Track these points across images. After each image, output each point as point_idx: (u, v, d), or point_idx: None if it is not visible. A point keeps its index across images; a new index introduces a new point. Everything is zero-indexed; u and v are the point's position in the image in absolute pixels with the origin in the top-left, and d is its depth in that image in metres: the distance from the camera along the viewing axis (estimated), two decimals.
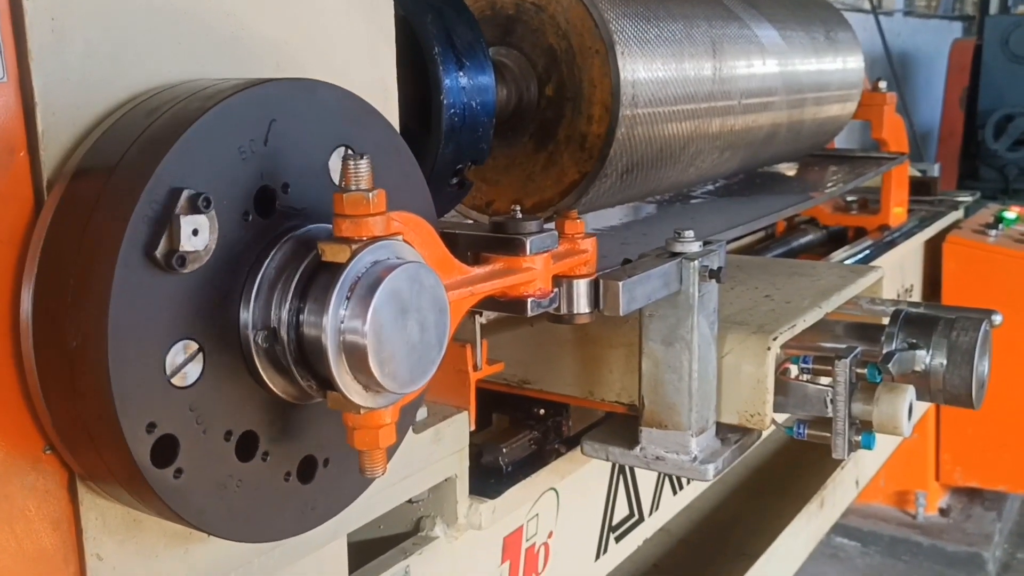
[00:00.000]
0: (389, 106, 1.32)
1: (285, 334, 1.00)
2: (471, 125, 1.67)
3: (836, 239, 3.86)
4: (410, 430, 1.38)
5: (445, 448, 1.56)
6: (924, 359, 1.83)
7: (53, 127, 0.96)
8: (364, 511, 1.38)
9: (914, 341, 1.84)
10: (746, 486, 3.33)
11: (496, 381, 1.85)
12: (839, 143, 4.06)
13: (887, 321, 1.90)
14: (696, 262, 1.56)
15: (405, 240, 1.05)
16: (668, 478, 2.31)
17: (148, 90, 1.03)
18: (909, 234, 3.72)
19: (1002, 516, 5.15)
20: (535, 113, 2.00)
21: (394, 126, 1.24)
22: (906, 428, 1.63)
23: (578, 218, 1.46)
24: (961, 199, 4.42)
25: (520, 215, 1.37)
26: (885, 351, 1.80)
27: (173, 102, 0.99)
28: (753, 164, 2.88)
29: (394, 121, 1.30)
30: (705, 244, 1.63)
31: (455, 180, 1.72)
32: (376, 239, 0.99)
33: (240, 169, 0.99)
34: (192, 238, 0.93)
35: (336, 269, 0.98)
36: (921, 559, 4.97)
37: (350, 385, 0.99)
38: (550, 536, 1.91)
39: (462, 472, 1.61)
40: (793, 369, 1.72)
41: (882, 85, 3.95)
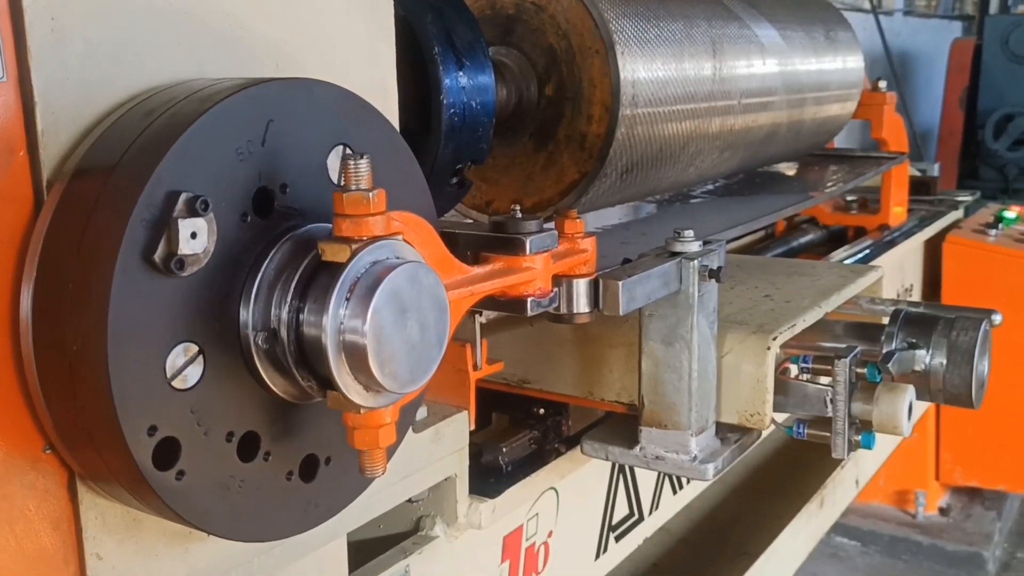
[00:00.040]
0: (389, 106, 1.32)
1: (285, 334, 1.00)
2: (471, 125, 1.67)
3: (836, 239, 3.86)
4: (410, 430, 1.38)
5: (445, 447, 1.56)
6: (924, 359, 1.83)
7: (53, 127, 0.96)
8: (364, 510, 1.38)
9: (914, 341, 1.84)
10: (746, 486, 3.33)
11: (496, 381, 1.85)
12: (839, 143, 4.06)
13: (887, 321, 1.90)
14: (696, 262, 1.56)
15: (405, 240, 1.05)
16: (668, 477, 2.31)
17: (147, 90, 1.03)
18: (909, 234, 3.71)
19: (1002, 515, 5.15)
20: (535, 113, 2.00)
21: (393, 124, 1.24)
22: (906, 428, 1.63)
23: (578, 218, 1.45)
24: (961, 199, 4.41)
25: (520, 215, 1.37)
26: (885, 351, 1.80)
27: (170, 103, 0.98)
28: (753, 164, 2.88)
29: (394, 121, 1.30)
30: (705, 244, 1.63)
31: (455, 180, 1.72)
32: (376, 239, 0.99)
33: (238, 170, 0.99)
34: (190, 241, 0.93)
35: (336, 269, 0.98)
36: (921, 558, 4.97)
37: (350, 385, 0.99)
38: (550, 535, 1.91)
39: (462, 471, 1.61)
40: (793, 369, 1.72)
41: (882, 85, 3.95)
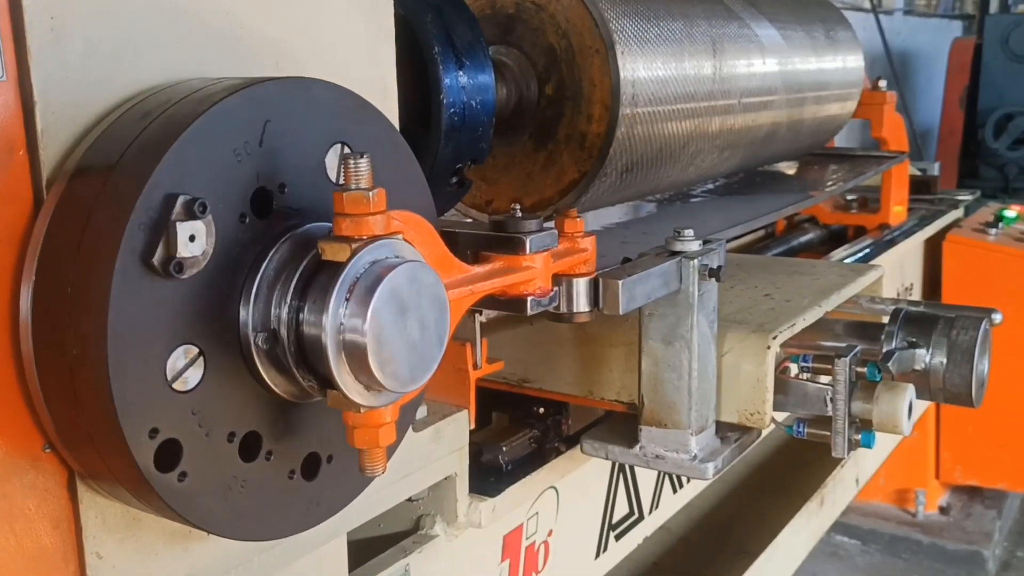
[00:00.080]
0: (389, 105, 1.32)
1: (285, 334, 1.00)
2: (471, 124, 1.67)
3: (836, 238, 3.86)
4: (410, 429, 1.38)
5: (445, 446, 1.56)
6: (924, 358, 1.83)
7: (52, 126, 0.96)
8: (364, 509, 1.38)
9: (914, 340, 1.84)
10: (746, 484, 3.33)
11: (496, 380, 1.85)
12: (839, 142, 4.06)
13: (887, 320, 1.90)
14: (696, 261, 1.56)
15: (405, 239, 1.05)
16: (668, 476, 2.31)
17: (146, 89, 1.03)
18: (909, 233, 3.71)
19: (1002, 514, 5.15)
20: (535, 112, 2.00)
21: (392, 122, 1.23)
22: (906, 427, 1.63)
23: (578, 217, 1.45)
24: (961, 198, 4.41)
25: (520, 214, 1.37)
26: (885, 350, 1.80)
27: (167, 105, 0.98)
28: (753, 163, 2.88)
29: (394, 120, 1.30)
30: (705, 243, 1.63)
31: (455, 179, 1.72)
32: (376, 238, 0.99)
33: (236, 171, 0.99)
34: (189, 244, 0.93)
35: (336, 268, 0.98)
36: (921, 557, 4.97)
37: (350, 384, 0.99)
38: (550, 534, 1.91)
39: (462, 470, 1.61)
40: (793, 368, 1.72)
41: (882, 84, 3.95)
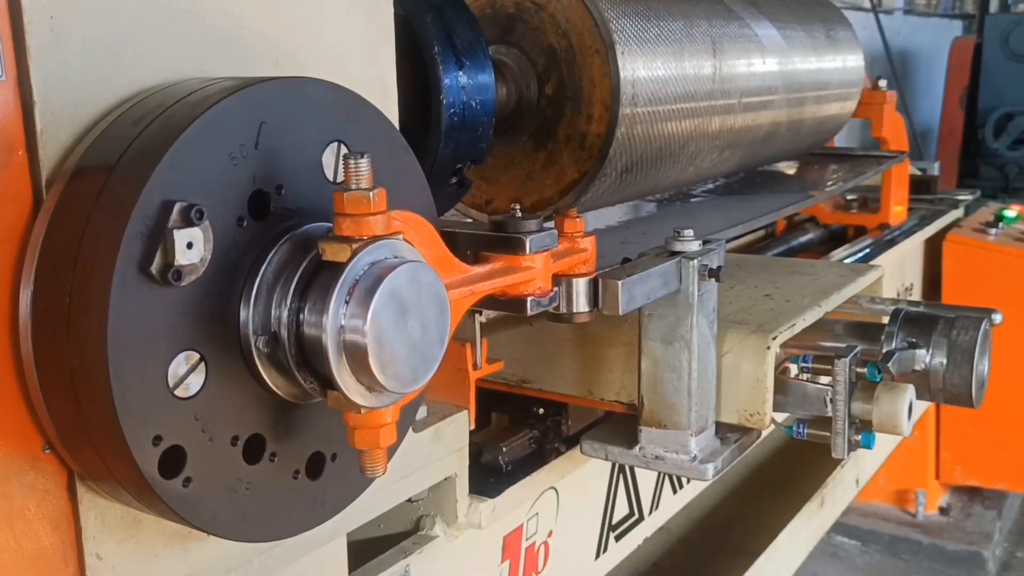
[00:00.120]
0: (389, 105, 1.32)
1: (286, 337, 1.00)
2: (471, 124, 1.67)
3: (836, 238, 3.86)
4: (410, 429, 1.38)
5: (445, 447, 1.56)
6: (924, 358, 1.83)
7: (52, 126, 0.96)
8: (364, 510, 1.38)
9: (914, 340, 1.84)
10: (746, 485, 3.33)
11: (495, 380, 1.85)
12: (839, 141, 4.06)
13: (887, 320, 1.90)
14: (695, 261, 1.56)
15: (405, 239, 1.05)
16: (668, 477, 2.31)
17: (146, 89, 1.03)
18: (909, 233, 3.71)
19: (1002, 515, 5.15)
20: (535, 112, 2.00)
21: (389, 119, 1.23)
22: (906, 427, 1.63)
23: (577, 217, 1.45)
24: (961, 198, 4.41)
25: (520, 214, 1.36)
26: (885, 350, 1.80)
27: (161, 108, 0.97)
28: (753, 163, 2.87)
29: (394, 120, 1.30)
30: (705, 243, 1.63)
31: (454, 179, 1.72)
32: (377, 238, 0.99)
33: (232, 175, 0.98)
34: (187, 251, 0.92)
35: (336, 269, 0.98)
36: (921, 558, 4.97)
37: (351, 385, 0.99)
38: (550, 535, 1.91)
39: (462, 471, 1.61)
40: (793, 368, 1.72)
41: (882, 83, 3.95)
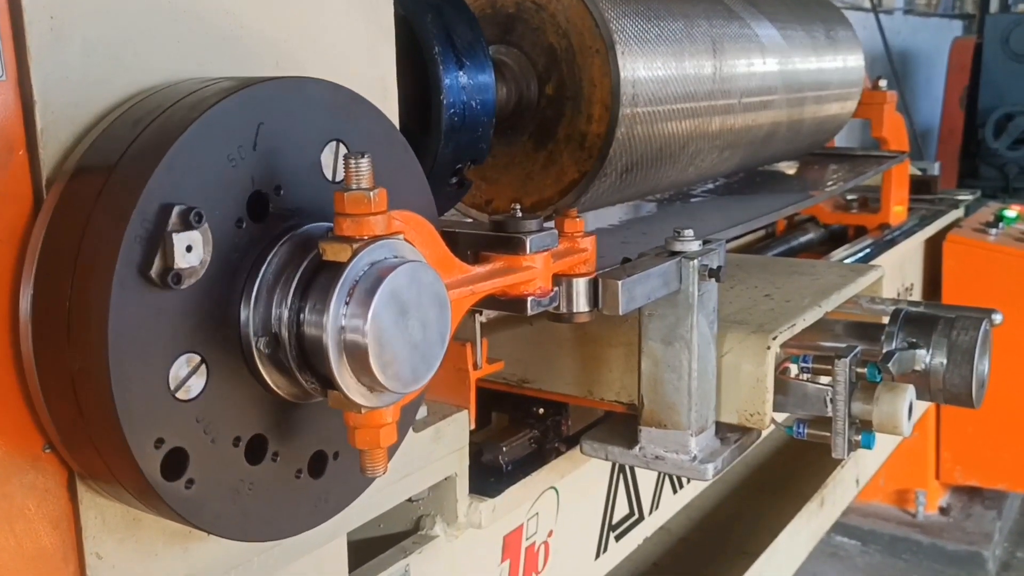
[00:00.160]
0: (389, 105, 1.32)
1: (287, 337, 1.00)
2: (471, 124, 1.67)
3: (836, 238, 3.86)
4: (410, 429, 1.38)
5: (445, 447, 1.56)
6: (924, 358, 1.83)
7: (52, 125, 0.96)
8: (364, 510, 1.38)
9: (914, 340, 1.84)
10: (746, 485, 3.33)
11: (495, 380, 1.85)
12: (839, 141, 4.06)
13: (887, 320, 1.90)
14: (696, 261, 1.56)
15: (406, 239, 1.05)
16: (668, 477, 2.31)
17: (143, 90, 1.03)
18: (909, 233, 3.71)
19: (1002, 515, 5.15)
20: (535, 112, 2.00)
21: (388, 117, 1.22)
22: (906, 428, 1.62)
23: (578, 216, 1.45)
24: (961, 198, 4.41)
25: (520, 214, 1.36)
26: (885, 350, 1.80)
27: (158, 110, 0.97)
28: (753, 163, 2.87)
29: (394, 120, 1.30)
30: (705, 243, 1.63)
31: (454, 179, 1.72)
32: (377, 238, 0.99)
33: (231, 177, 0.98)
34: (186, 255, 0.92)
35: (337, 269, 0.97)
36: (921, 558, 4.97)
37: (352, 386, 0.99)
38: (550, 535, 1.91)
39: (462, 471, 1.61)
40: (793, 368, 1.72)
41: (882, 83, 3.95)
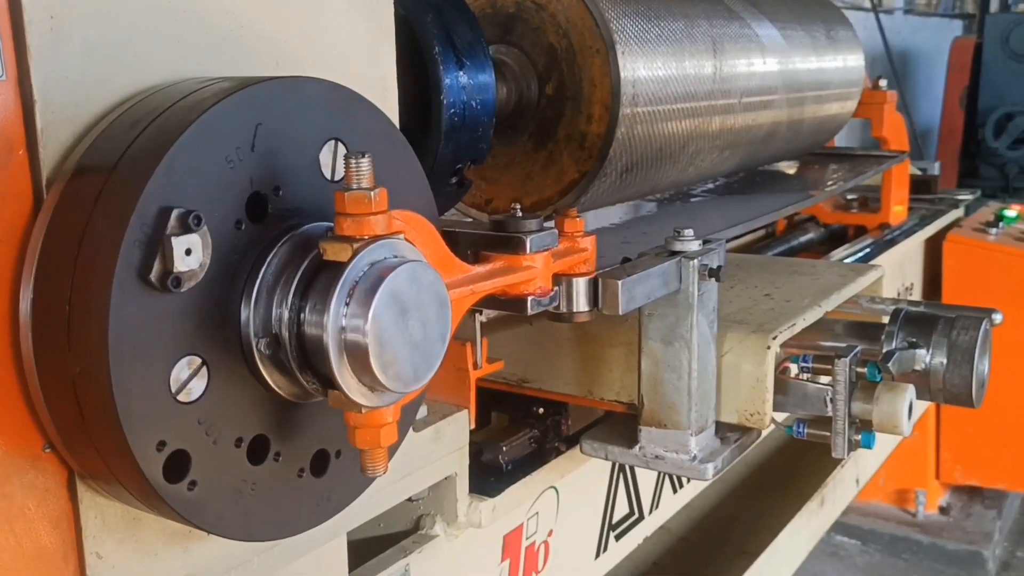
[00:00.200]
0: (389, 105, 1.32)
1: (287, 338, 1.00)
2: (471, 124, 1.67)
3: (836, 237, 3.86)
4: (410, 428, 1.38)
5: (445, 446, 1.56)
6: (924, 358, 1.83)
7: (52, 125, 0.96)
8: (364, 509, 1.38)
9: (914, 340, 1.84)
10: (746, 484, 3.33)
11: (495, 380, 1.85)
12: (839, 141, 4.06)
13: (887, 320, 1.90)
14: (696, 261, 1.56)
15: (406, 239, 1.05)
16: (668, 476, 2.31)
17: (143, 90, 1.03)
18: (909, 232, 3.71)
19: (1002, 514, 5.15)
20: (535, 112, 2.00)
21: (387, 115, 1.22)
22: (906, 427, 1.63)
23: (578, 216, 1.45)
24: (961, 197, 4.42)
25: (520, 214, 1.36)
26: (885, 350, 1.80)
27: (156, 112, 0.97)
28: (753, 163, 2.87)
29: (394, 119, 1.30)
30: (705, 243, 1.63)
31: (454, 179, 1.72)
32: (378, 238, 0.99)
33: (229, 178, 0.98)
34: (185, 258, 0.92)
35: (337, 269, 0.97)
36: (921, 557, 4.97)
37: (353, 386, 0.99)
38: (550, 534, 1.91)
39: (462, 470, 1.61)
40: (793, 368, 1.72)
41: (882, 83, 3.95)
